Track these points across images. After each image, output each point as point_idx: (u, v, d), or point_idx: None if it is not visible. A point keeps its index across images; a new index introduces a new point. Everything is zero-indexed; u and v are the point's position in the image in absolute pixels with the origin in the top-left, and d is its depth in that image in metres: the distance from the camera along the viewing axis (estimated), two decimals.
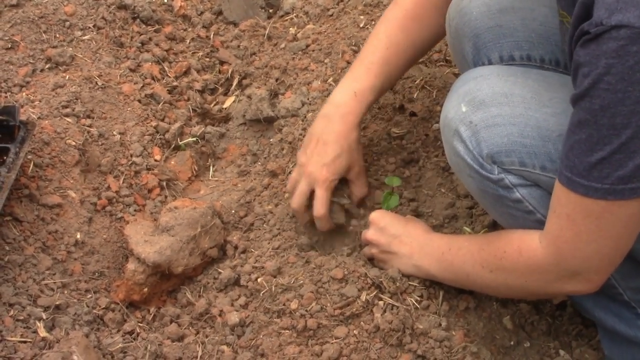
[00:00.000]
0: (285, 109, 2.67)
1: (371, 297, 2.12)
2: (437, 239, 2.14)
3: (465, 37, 2.17)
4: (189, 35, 3.02)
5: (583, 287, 1.86)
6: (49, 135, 2.42)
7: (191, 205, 2.36)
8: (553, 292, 1.98)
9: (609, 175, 1.63)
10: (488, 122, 1.86)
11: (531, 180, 1.87)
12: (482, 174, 1.89)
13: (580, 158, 1.65)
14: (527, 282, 1.92)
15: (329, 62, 2.77)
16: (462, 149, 1.90)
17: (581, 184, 1.67)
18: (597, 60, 1.55)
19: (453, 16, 2.19)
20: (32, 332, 2.08)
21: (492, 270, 1.96)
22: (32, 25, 2.73)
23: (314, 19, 2.99)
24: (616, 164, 1.61)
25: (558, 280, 1.86)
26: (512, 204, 1.91)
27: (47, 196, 2.33)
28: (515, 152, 1.85)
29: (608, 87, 1.55)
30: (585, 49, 1.57)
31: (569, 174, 1.68)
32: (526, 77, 1.94)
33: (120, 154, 2.54)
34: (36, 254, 2.23)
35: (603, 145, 1.60)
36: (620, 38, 1.51)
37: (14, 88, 2.55)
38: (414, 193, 2.41)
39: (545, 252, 1.84)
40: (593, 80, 1.57)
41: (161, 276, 2.29)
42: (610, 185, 1.63)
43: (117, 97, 2.66)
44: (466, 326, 2.14)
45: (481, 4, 2.14)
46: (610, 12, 1.52)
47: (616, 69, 1.53)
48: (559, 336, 2.25)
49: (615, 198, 1.65)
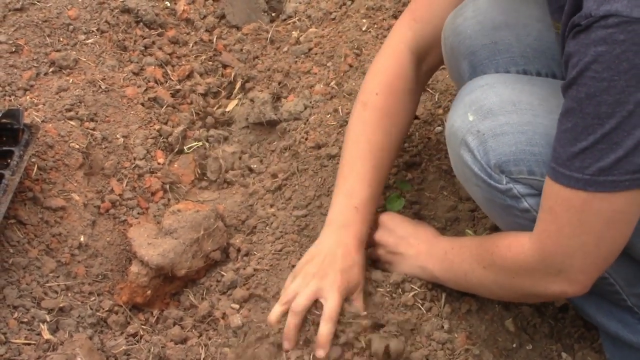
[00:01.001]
0: (288, 112, 2.68)
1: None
2: (442, 240, 2.14)
3: (461, 55, 2.17)
4: (192, 38, 3.03)
5: (569, 288, 1.84)
6: (53, 139, 2.43)
7: (194, 208, 2.37)
8: (540, 292, 1.92)
9: (590, 165, 1.62)
10: (496, 131, 1.85)
11: (539, 189, 1.85)
12: (489, 184, 1.88)
13: (564, 147, 1.65)
14: (514, 280, 1.91)
15: (331, 66, 2.78)
16: (470, 158, 1.89)
17: (563, 174, 1.67)
18: (586, 49, 1.56)
19: (448, 35, 2.18)
20: (36, 334, 2.09)
21: (485, 266, 1.96)
22: (36, 29, 2.73)
23: (316, 22, 3.00)
24: (598, 155, 1.61)
25: (543, 278, 1.85)
26: (519, 213, 1.90)
27: (51, 199, 2.33)
28: (524, 160, 1.84)
29: (595, 75, 1.56)
30: (575, 40, 1.58)
31: (554, 164, 1.69)
32: (532, 84, 1.94)
33: (124, 157, 2.55)
34: (40, 257, 2.24)
35: (587, 135, 1.60)
36: (609, 26, 1.52)
37: (18, 91, 2.56)
38: (416, 196, 2.41)
39: (530, 247, 1.83)
40: (580, 69, 1.57)
41: (164, 279, 2.30)
42: (591, 177, 1.63)
43: (120, 101, 2.67)
44: (468, 329, 2.14)
45: (475, 22, 2.14)
46: (599, 4, 1.53)
47: (603, 57, 1.54)
48: (561, 339, 2.25)
49: (595, 190, 1.64)
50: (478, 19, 2.13)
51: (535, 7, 2.10)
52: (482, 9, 2.14)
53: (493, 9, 2.13)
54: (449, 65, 2.23)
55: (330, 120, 2.61)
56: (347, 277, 2.04)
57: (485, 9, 2.14)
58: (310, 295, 2.00)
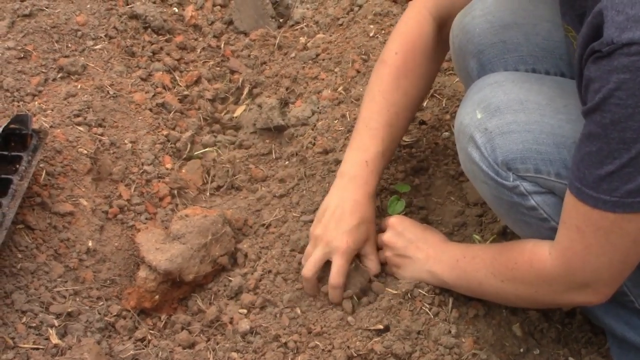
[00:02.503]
0: (295, 118, 2.69)
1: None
2: (452, 247, 2.15)
3: (469, 54, 2.17)
4: (200, 44, 3.03)
5: (592, 299, 1.87)
6: (61, 144, 2.44)
7: (202, 213, 2.37)
8: (562, 303, 1.99)
9: (618, 188, 1.63)
10: (503, 129, 1.87)
11: (546, 187, 1.87)
12: (497, 181, 1.89)
13: (590, 170, 1.66)
14: (536, 293, 1.93)
15: (339, 71, 2.78)
16: (477, 155, 1.90)
17: (591, 196, 1.67)
18: (609, 76, 1.56)
19: (456, 33, 2.19)
20: (44, 339, 2.09)
21: (504, 280, 1.97)
22: (45, 35, 2.74)
23: (324, 28, 3.00)
24: (625, 178, 1.62)
25: (567, 292, 1.87)
26: (526, 211, 1.91)
27: (59, 204, 2.34)
28: (531, 159, 1.85)
29: (619, 102, 1.56)
30: (597, 65, 1.58)
31: (579, 184, 1.69)
32: (541, 83, 1.95)
33: (132, 163, 2.55)
34: (48, 262, 2.24)
35: (613, 159, 1.61)
36: (632, 54, 1.52)
37: (26, 97, 2.57)
38: (424, 201, 2.41)
39: (554, 264, 1.85)
40: (604, 95, 1.57)
41: (172, 284, 2.30)
42: (619, 199, 1.64)
43: (128, 106, 2.67)
44: (476, 333, 2.14)
45: (484, 20, 2.15)
46: (621, 31, 1.52)
47: (627, 84, 1.54)
48: (568, 344, 2.25)
49: (623, 211, 1.65)
50: (487, 17, 2.14)
51: (545, 7, 2.11)
52: (490, 8, 2.15)
53: (502, 8, 2.14)
54: (456, 64, 2.23)
55: (338, 126, 2.61)
56: (354, 237, 2.14)
57: (494, 8, 2.15)
58: (318, 262, 2.16)
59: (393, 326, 2.10)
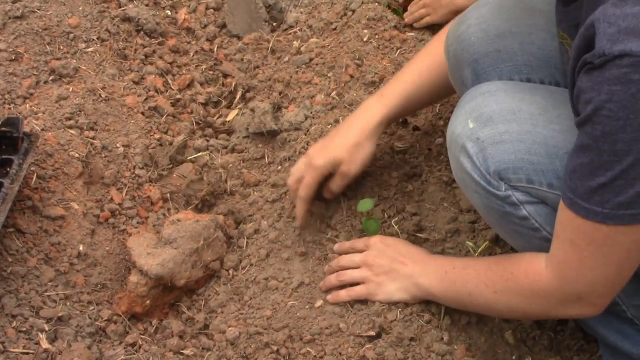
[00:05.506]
0: (288, 123, 2.68)
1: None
2: (439, 259, 2.15)
3: (464, 63, 2.17)
4: (193, 48, 3.03)
5: (586, 311, 1.87)
6: (52, 147, 2.43)
7: (194, 217, 2.37)
8: (555, 316, 1.99)
9: (609, 200, 1.63)
10: (495, 139, 1.86)
11: (538, 197, 1.87)
12: (488, 191, 1.89)
13: (582, 181, 1.66)
14: (530, 305, 1.92)
15: (332, 76, 2.78)
16: (469, 165, 1.90)
17: (582, 207, 1.67)
18: (600, 87, 1.55)
19: (451, 42, 2.19)
20: (34, 343, 2.08)
21: (497, 290, 1.96)
22: (36, 37, 2.73)
23: (317, 32, 3.00)
24: (617, 190, 1.61)
25: (561, 304, 1.87)
26: (518, 221, 1.91)
27: (50, 208, 2.33)
28: (523, 169, 1.85)
29: (610, 114, 1.55)
30: (589, 76, 1.58)
31: (571, 195, 1.69)
32: (533, 93, 1.95)
33: (124, 166, 2.54)
34: (39, 266, 2.23)
35: (604, 171, 1.61)
36: (623, 66, 1.52)
37: (17, 100, 2.56)
38: (417, 207, 2.41)
39: (549, 276, 1.85)
40: (595, 107, 1.57)
41: (163, 288, 2.30)
42: (610, 210, 1.64)
43: (120, 110, 2.66)
44: (468, 340, 2.14)
45: (479, 29, 2.14)
46: (613, 43, 1.52)
47: (618, 96, 1.54)
48: (560, 351, 2.25)
49: (614, 223, 1.65)
50: (482, 26, 2.14)
51: (540, 16, 2.11)
52: (486, 16, 2.15)
53: (497, 17, 2.14)
54: (451, 73, 2.23)
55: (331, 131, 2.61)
56: (332, 154, 2.27)
57: (489, 16, 2.14)
58: (297, 170, 2.34)
59: (385, 333, 2.10)
